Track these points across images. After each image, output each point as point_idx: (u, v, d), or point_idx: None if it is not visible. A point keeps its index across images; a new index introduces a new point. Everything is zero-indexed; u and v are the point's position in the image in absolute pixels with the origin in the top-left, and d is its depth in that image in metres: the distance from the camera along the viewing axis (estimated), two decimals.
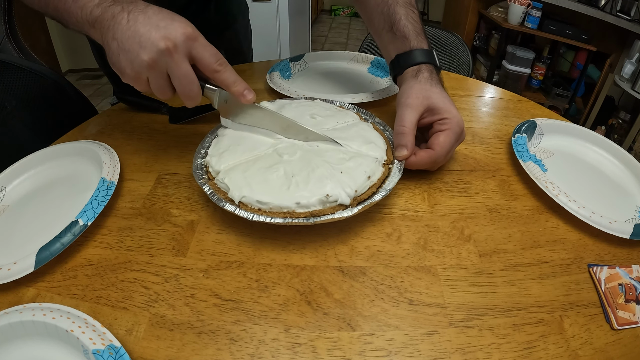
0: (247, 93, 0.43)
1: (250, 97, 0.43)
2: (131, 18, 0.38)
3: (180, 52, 0.39)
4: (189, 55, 0.40)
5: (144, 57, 0.38)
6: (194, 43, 0.39)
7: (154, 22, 0.38)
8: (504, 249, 0.42)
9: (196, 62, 0.41)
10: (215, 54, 0.41)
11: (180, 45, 0.38)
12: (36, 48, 2.49)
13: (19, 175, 0.52)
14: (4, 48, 0.72)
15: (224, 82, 0.42)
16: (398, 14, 0.54)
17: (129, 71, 0.39)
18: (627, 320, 0.36)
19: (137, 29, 0.38)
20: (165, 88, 0.41)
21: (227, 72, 0.42)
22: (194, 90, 0.41)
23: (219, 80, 0.42)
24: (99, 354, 0.30)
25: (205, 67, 0.41)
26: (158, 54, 0.38)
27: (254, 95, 0.43)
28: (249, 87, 0.43)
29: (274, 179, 0.42)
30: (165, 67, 0.39)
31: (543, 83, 2.44)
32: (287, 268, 0.40)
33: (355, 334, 0.34)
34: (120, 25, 0.38)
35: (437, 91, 0.49)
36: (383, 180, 0.44)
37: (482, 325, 0.35)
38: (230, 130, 0.49)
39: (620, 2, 1.90)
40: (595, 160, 0.56)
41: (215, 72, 0.41)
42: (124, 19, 0.38)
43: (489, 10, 2.53)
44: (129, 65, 0.39)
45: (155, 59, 0.38)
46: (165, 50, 0.38)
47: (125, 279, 0.39)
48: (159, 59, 0.38)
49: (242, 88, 0.43)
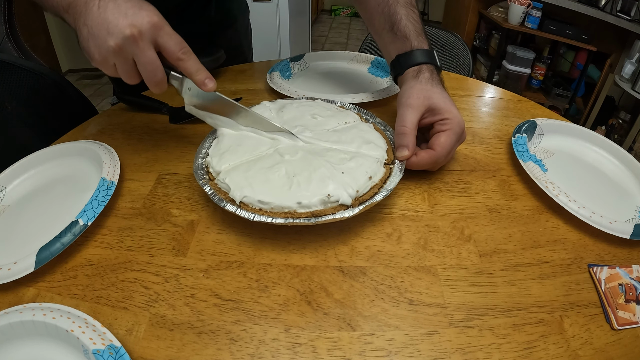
0: (208, 82, 0.44)
1: (211, 85, 0.45)
2: (102, 5, 0.40)
3: (146, 39, 0.40)
4: (154, 42, 0.41)
5: (111, 43, 0.39)
6: (159, 31, 0.41)
7: (123, 10, 0.40)
8: (504, 249, 0.42)
9: (161, 49, 0.42)
10: (179, 42, 0.42)
11: (145, 32, 0.40)
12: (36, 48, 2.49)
13: (19, 175, 0.52)
14: (4, 48, 0.72)
15: (186, 70, 0.44)
16: (399, 14, 0.54)
17: (97, 56, 0.41)
18: (627, 320, 0.36)
19: (106, 16, 0.39)
20: (131, 73, 0.42)
21: (190, 60, 0.43)
22: (158, 76, 0.43)
23: (182, 68, 0.44)
24: (99, 354, 0.30)
25: (170, 54, 0.42)
26: (124, 40, 0.39)
27: (214, 84, 0.45)
28: (210, 76, 0.45)
29: (275, 178, 0.42)
30: (131, 53, 0.41)
31: (543, 83, 2.44)
32: (287, 268, 0.40)
33: (355, 334, 0.34)
34: (91, 12, 0.40)
35: (438, 91, 0.49)
36: (384, 180, 0.44)
37: (482, 325, 0.35)
38: (230, 130, 0.49)
39: (621, 2, 1.90)
40: (595, 161, 0.56)
41: (179, 60, 0.43)
42: (95, 6, 0.40)
43: (489, 10, 2.53)
44: (97, 51, 0.40)
45: (121, 45, 0.40)
46: (130, 37, 0.39)
47: (125, 279, 0.39)
48: (124, 45, 0.40)
49: (203, 77, 0.44)
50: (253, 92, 0.72)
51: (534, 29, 2.22)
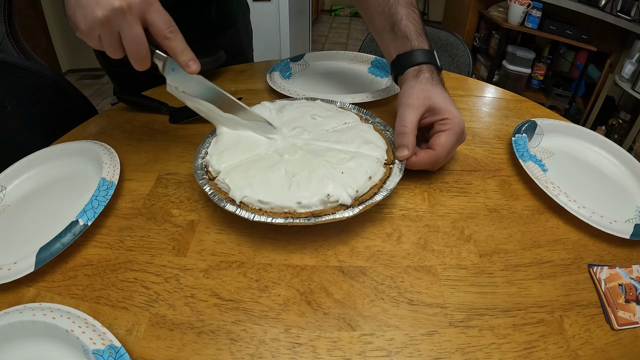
0: (192, 64, 0.44)
1: (194, 68, 0.44)
2: None
3: (134, 13, 0.39)
4: (142, 18, 0.41)
5: (98, 14, 0.39)
6: (149, 7, 0.40)
7: None
8: (504, 249, 0.42)
9: (149, 26, 0.42)
10: (167, 20, 0.42)
11: (135, 6, 0.39)
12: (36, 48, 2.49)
13: (19, 175, 0.52)
14: (4, 48, 0.72)
15: (172, 49, 0.43)
16: (399, 14, 0.54)
17: (83, 26, 0.40)
18: (627, 320, 0.36)
19: None
20: (115, 47, 0.42)
21: (176, 40, 0.43)
22: (142, 52, 0.42)
23: (168, 47, 0.43)
24: (99, 354, 0.30)
25: (157, 32, 0.42)
26: (112, 12, 0.39)
27: (198, 67, 0.44)
28: (194, 58, 0.44)
29: (275, 178, 0.42)
30: (117, 26, 0.40)
31: (543, 83, 2.44)
32: (288, 268, 0.40)
33: (355, 334, 0.34)
34: None
35: (438, 91, 0.49)
36: (384, 180, 0.44)
37: (482, 325, 0.35)
38: (228, 129, 0.49)
39: (621, 2, 1.90)
40: (595, 161, 0.56)
41: (166, 38, 0.42)
42: None
43: (489, 10, 2.53)
44: (83, 21, 0.40)
45: (108, 16, 0.39)
46: (119, 9, 0.39)
47: (125, 279, 0.39)
48: (112, 17, 0.39)
49: (188, 58, 0.44)
50: (253, 92, 0.72)
51: (534, 29, 2.22)
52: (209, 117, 0.49)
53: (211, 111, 0.48)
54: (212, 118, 0.49)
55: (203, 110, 0.49)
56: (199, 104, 0.48)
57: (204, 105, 0.48)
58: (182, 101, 0.49)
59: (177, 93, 0.48)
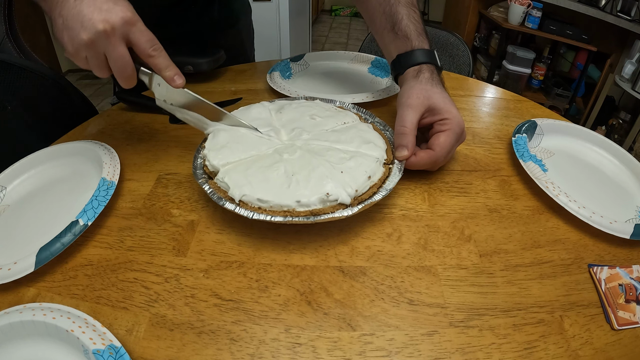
0: (176, 78, 0.45)
1: (179, 82, 0.46)
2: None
3: (118, 35, 0.41)
4: (126, 38, 0.42)
5: (84, 37, 0.40)
6: (132, 28, 0.41)
7: (98, 4, 0.40)
8: (505, 249, 0.42)
9: (133, 46, 0.43)
10: (151, 39, 0.43)
11: (118, 28, 0.40)
12: (36, 48, 2.49)
13: (19, 175, 0.52)
14: (4, 48, 0.72)
15: (156, 66, 0.44)
16: (400, 14, 0.54)
17: (70, 48, 0.41)
18: (627, 320, 0.36)
19: (81, 9, 0.40)
20: (102, 67, 0.43)
21: (160, 57, 0.44)
22: (128, 71, 0.43)
23: (152, 64, 0.44)
24: (99, 354, 0.30)
25: (141, 51, 0.43)
26: (96, 35, 0.40)
27: (183, 81, 0.46)
28: (179, 73, 0.46)
29: (275, 177, 0.42)
30: (102, 48, 0.41)
31: (543, 83, 2.44)
32: (288, 268, 0.40)
33: (355, 334, 0.34)
34: (67, 3, 0.40)
35: (438, 91, 0.49)
36: (383, 180, 0.44)
37: (483, 326, 0.35)
38: (226, 126, 0.49)
39: (621, 2, 1.90)
40: (595, 161, 0.56)
41: (150, 56, 0.43)
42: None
43: (490, 10, 2.53)
44: (70, 43, 0.41)
45: (93, 39, 0.40)
46: (103, 32, 0.40)
47: (125, 279, 0.39)
48: (96, 39, 0.40)
49: (172, 73, 0.45)
50: (253, 92, 0.72)
51: (534, 29, 2.22)
52: (197, 126, 0.50)
53: (199, 120, 0.50)
54: (201, 127, 0.50)
55: (191, 120, 0.50)
56: (187, 114, 0.50)
57: (191, 115, 0.50)
58: (172, 113, 0.50)
59: (166, 106, 0.49)
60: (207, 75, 0.76)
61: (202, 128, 0.50)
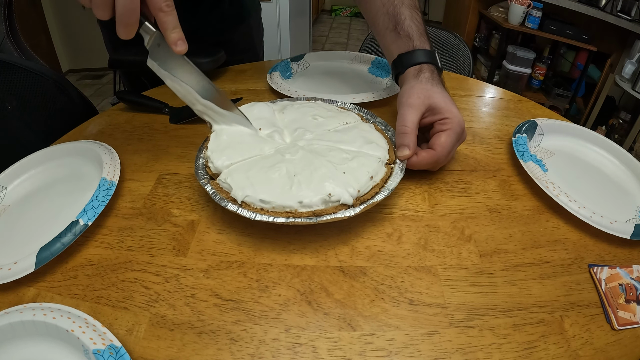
0: (180, 43, 0.42)
1: (182, 48, 0.43)
2: None
3: None
4: None
5: None
6: None
7: None
8: (505, 249, 0.42)
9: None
10: None
11: None
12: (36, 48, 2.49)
13: (19, 175, 0.52)
14: (5, 48, 0.72)
15: (164, 23, 0.42)
16: (403, 15, 0.54)
17: None
18: (627, 320, 0.36)
19: None
20: (106, 5, 0.39)
21: (171, 15, 0.41)
22: (132, 19, 0.40)
23: (161, 20, 0.41)
24: (99, 354, 0.30)
25: (154, 3, 0.40)
26: None
27: (185, 48, 0.43)
28: (183, 38, 0.43)
29: (277, 178, 0.42)
30: None
31: (543, 83, 2.44)
32: (288, 268, 0.40)
33: (355, 334, 0.34)
34: None
35: (438, 91, 0.49)
36: (385, 180, 0.44)
37: (483, 326, 0.35)
38: (226, 126, 0.49)
39: (621, 2, 1.90)
40: (595, 161, 0.56)
41: (161, 10, 0.41)
42: None
43: (490, 10, 2.53)
44: None
45: None
46: None
47: (125, 279, 0.39)
48: None
49: (177, 37, 0.42)
50: (253, 92, 0.72)
51: (534, 29, 2.22)
52: (185, 99, 0.48)
53: (189, 93, 0.47)
54: (189, 100, 0.48)
55: (181, 91, 0.47)
56: (177, 84, 0.47)
57: (182, 86, 0.47)
58: (161, 78, 0.47)
59: (157, 69, 0.46)
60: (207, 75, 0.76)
61: (190, 102, 0.48)
